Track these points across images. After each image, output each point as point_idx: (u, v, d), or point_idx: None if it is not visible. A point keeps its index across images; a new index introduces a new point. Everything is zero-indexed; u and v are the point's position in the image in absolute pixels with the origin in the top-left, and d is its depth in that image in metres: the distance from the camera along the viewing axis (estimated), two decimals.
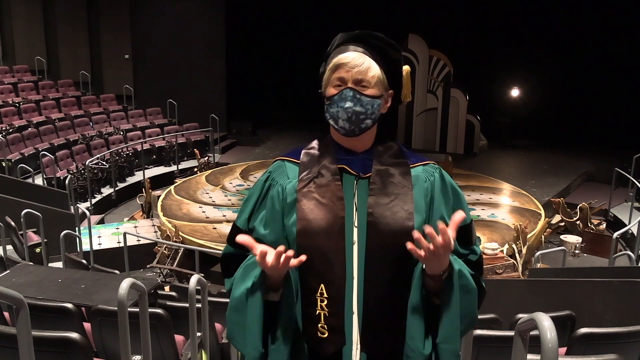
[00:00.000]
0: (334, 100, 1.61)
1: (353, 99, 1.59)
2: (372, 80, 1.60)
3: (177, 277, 8.04)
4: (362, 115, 1.60)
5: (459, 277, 1.55)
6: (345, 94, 1.59)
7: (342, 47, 1.65)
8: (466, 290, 1.57)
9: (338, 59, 1.61)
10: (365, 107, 1.60)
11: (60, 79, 15.31)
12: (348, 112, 1.59)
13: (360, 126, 1.61)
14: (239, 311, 1.59)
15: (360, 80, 1.59)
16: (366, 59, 1.61)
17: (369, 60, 1.61)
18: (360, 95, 1.59)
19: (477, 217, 9.74)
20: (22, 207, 7.27)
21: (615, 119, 13.95)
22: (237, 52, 15.84)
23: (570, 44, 14.20)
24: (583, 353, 2.73)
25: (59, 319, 3.25)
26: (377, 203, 1.61)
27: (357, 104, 1.59)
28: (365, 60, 1.60)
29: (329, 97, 1.63)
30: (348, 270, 1.60)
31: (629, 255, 6.68)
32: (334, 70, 1.62)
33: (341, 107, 1.59)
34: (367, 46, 1.64)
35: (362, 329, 1.60)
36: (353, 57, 1.60)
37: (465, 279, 1.57)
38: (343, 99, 1.59)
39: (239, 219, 1.72)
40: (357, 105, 1.59)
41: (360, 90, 1.59)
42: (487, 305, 2.55)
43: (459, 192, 1.70)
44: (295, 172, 1.68)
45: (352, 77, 1.59)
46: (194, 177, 12.14)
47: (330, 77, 1.63)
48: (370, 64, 1.61)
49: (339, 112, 1.60)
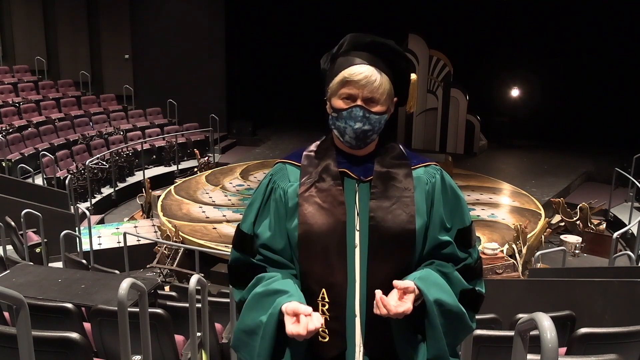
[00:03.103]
0: (342, 116, 1.60)
1: (362, 118, 1.58)
2: (382, 98, 1.60)
3: (177, 277, 8.04)
4: (369, 132, 1.61)
5: (439, 306, 1.55)
6: (355, 113, 1.58)
7: (352, 57, 1.61)
8: (449, 316, 1.57)
9: (349, 74, 1.58)
10: (373, 125, 1.60)
11: (60, 79, 15.31)
12: (357, 132, 1.59)
13: (366, 141, 1.63)
14: (249, 335, 1.59)
15: (371, 99, 1.58)
16: (377, 75, 1.58)
17: (379, 76, 1.59)
18: (370, 114, 1.59)
19: (477, 217, 9.74)
20: (22, 207, 7.27)
21: (615, 119, 13.96)
22: (237, 52, 15.84)
23: (570, 44, 14.20)
24: (583, 353, 2.72)
25: (59, 319, 3.25)
26: (378, 207, 1.60)
27: (366, 123, 1.59)
28: (376, 78, 1.58)
29: (336, 110, 1.62)
30: (350, 274, 1.60)
31: (629, 255, 6.68)
32: (343, 84, 1.60)
33: (350, 126, 1.59)
34: (377, 57, 1.61)
35: (364, 333, 1.60)
36: (365, 74, 1.58)
37: (446, 305, 1.56)
38: (352, 118, 1.59)
39: (244, 223, 1.70)
40: (365, 125, 1.59)
41: (369, 109, 1.59)
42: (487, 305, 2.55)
43: (459, 195, 1.70)
44: (296, 175, 1.68)
45: (362, 95, 1.58)
46: (194, 177, 12.14)
47: (338, 89, 1.61)
48: (381, 82, 1.59)
49: (347, 129, 1.60)
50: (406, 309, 1.48)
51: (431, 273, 1.59)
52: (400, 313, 1.48)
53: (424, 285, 1.54)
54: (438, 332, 1.56)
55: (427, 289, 1.54)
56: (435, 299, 1.55)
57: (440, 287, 1.58)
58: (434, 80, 14.38)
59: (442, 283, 1.59)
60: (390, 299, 1.50)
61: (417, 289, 1.53)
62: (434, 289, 1.56)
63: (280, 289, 1.56)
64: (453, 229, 1.66)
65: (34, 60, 15.07)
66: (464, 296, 1.63)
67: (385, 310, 1.48)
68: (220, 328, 4.09)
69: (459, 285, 1.63)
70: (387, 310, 1.47)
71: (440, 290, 1.57)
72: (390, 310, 1.47)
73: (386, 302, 1.48)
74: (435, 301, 1.55)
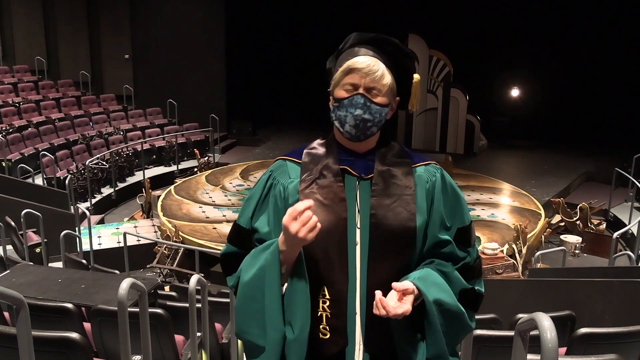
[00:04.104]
0: (343, 104, 1.60)
1: (363, 106, 1.58)
2: (384, 89, 1.60)
3: (177, 277, 8.04)
4: (369, 123, 1.60)
5: (438, 306, 1.56)
6: (356, 100, 1.58)
7: (356, 49, 1.63)
8: (448, 315, 1.58)
9: (352, 63, 1.59)
10: (373, 115, 1.60)
11: (60, 79, 15.31)
12: (357, 119, 1.59)
13: (366, 133, 1.62)
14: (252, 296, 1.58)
15: (373, 88, 1.59)
16: (380, 65, 1.59)
17: (383, 67, 1.60)
18: (371, 103, 1.58)
19: (477, 217, 9.75)
20: (22, 207, 7.27)
21: (615, 119, 13.96)
22: (237, 52, 15.84)
23: (570, 44, 14.21)
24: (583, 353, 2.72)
25: (59, 319, 3.25)
26: (379, 204, 1.60)
27: (366, 111, 1.59)
28: (379, 68, 1.59)
29: (337, 99, 1.62)
30: (351, 272, 1.60)
31: (629, 255, 6.68)
32: (346, 73, 1.60)
33: (350, 113, 1.59)
34: (381, 52, 1.62)
35: (365, 330, 1.60)
36: (368, 63, 1.58)
37: (445, 305, 1.57)
38: (353, 105, 1.59)
39: (242, 217, 1.70)
40: (366, 113, 1.59)
41: (371, 98, 1.59)
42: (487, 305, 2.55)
43: (459, 194, 1.70)
44: (297, 172, 1.67)
45: (364, 84, 1.58)
46: (194, 177, 12.14)
47: (341, 79, 1.61)
48: (384, 72, 1.59)
49: (347, 117, 1.60)
50: (405, 310, 1.49)
51: (431, 273, 1.59)
52: (399, 314, 1.48)
53: (423, 285, 1.55)
54: (437, 332, 1.57)
55: (426, 288, 1.55)
56: (435, 299, 1.55)
57: (440, 286, 1.58)
58: (434, 80, 14.38)
59: (441, 283, 1.59)
60: (390, 300, 1.50)
61: (417, 288, 1.54)
62: (433, 288, 1.56)
63: (269, 243, 1.58)
64: (453, 228, 1.66)
65: (34, 60, 15.07)
66: (464, 296, 1.64)
67: (384, 312, 1.48)
68: (220, 328, 4.09)
69: (459, 284, 1.63)
70: (387, 311, 1.48)
71: (439, 290, 1.57)
72: (390, 311, 1.48)
73: (385, 303, 1.49)
74: (435, 301, 1.55)
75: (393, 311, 1.48)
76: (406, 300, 1.50)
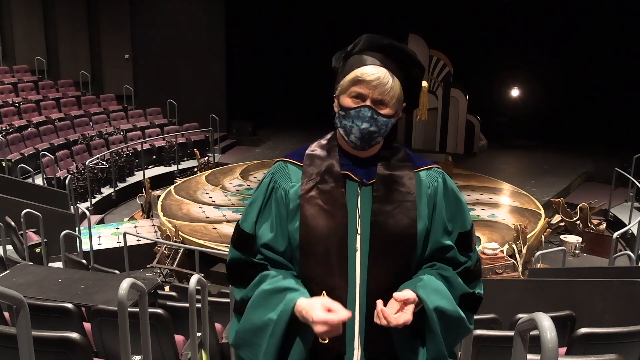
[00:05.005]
0: (349, 114, 1.59)
1: (370, 119, 1.57)
2: (392, 101, 1.59)
3: (177, 277, 8.04)
4: (375, 134, 1.59)
5: (439, 313, 1.56)
6: (363, 113, 1.57)
7: (364, 57, 1.60)
8: (448, 322, 1.58)
9: (361, 74, 1.57)
10: (379, 127, 1.59)
11: (60, 79, 15.31)
12: (363, 132, 1.58)
13: (371, 143, 1.61)
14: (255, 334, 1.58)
15: (381, 101, 1.57)
16: (389, 78, 1.57)
17: (391, 79, 1.57)
18: (378, 115, 1.57)
19: (477, 217, 9.74)
20: (22, 207, 7.27)
21: (615, 119, 13.96)
22: (237, 52, 15.84)
23: (570, 44, 14.20)
24: (583, 353, 2.72)
25: (59, 319, 3.25)
26: (380, 210, 1.60)
27: (373, 124, 1.58)
28: (388, 81, 1.57)
29: (344, 108, 1.60)
30: (351, 277, 1.60)
31: (629, 255, 6.68)
32: (354, 82, 1.58)
33: (356, 126, 1.58)
34: (391, 59, 1.60)
35: (364, 336, 1.60)
36: (378, 75, 1.56)
37: (446, 312, 1.57)
38: (360, 118, 1.57)
39: (245, 222, 1.68)
40: (372, 126, 1.58)
41: (378, 110, 1.57)
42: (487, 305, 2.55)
43: (461, 199, 1.70)
44: (298, 175, 1.66)
45: (372, 96, 1.57)
46: (194, 177, 12.14)
47: (348, 87, 1.59)
48: (392, 85, 1.57)
49: (353, 128, 1.59)
50: (406, 320, 1.50)
51: (432, 279, 1.59)
52: (400, 324, 1.49)
53: (424, 293, 1.55)
54: (437, 337, 1.57)
55: (427, 296, 1.55)
56: (436, 306, 1.55)
57: (441, 293, 1.58)
58: (434, 80, 14.38)
59: (442, 289, 1.59)
60: (390, 309, 1.51)
61: (417, 296, 1.54)
62: (434, 296, 1.56)
63: (289, 286, 1.56)
64: (454, 233, 1.66)
65: (34, 60, 15.07)
66: (464, 300, 1.64)
67: (385, 322, 1.49)
68: (220, 328, 4.09)
69: (460, 289, 1.64)
70: (388, 321, 1.49)
71: (440, 297, 1.57)
72: (391, 321, 1.49)
73: (387, 313, 1.49)
74: (436, 309, 1.55)
75: (394, 321, 1.49)
76: (407, 309, 1.51)
